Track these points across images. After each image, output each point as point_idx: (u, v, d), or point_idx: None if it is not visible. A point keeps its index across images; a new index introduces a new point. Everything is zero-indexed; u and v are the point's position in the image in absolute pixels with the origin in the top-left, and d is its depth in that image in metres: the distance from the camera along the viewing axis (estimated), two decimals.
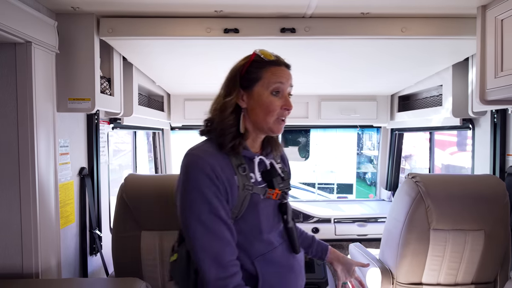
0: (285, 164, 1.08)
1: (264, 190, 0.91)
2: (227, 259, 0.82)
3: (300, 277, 0.99)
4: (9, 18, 1.12)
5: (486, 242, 1.52)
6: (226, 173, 0.85)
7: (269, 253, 0.91)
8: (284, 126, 0.94)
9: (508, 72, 1.26)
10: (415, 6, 1.41)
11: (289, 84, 0.94)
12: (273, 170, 0.96)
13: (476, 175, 1.72)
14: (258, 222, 0.89)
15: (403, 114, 2.65)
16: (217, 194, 0.82)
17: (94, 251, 1.77)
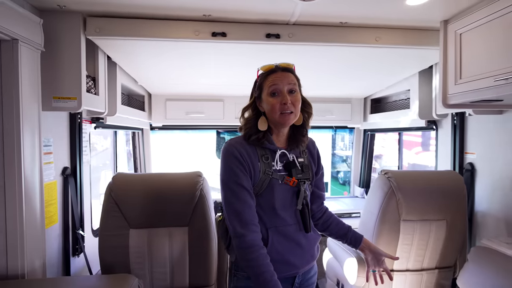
0: (312, 158, 1.26)
1: (282, 177, 1.13)
2: (248, 218, 1.04)
3: (309, 253, 1.19)
4: None
5: (448, 230, 1.70)
6: (252, 158, 1.10)
7: (282, 227, 1.12)
8: (291, 117, 1.11)
9: (466, 80, 1.43)
10: (387, 18, 1.55)
11: (287, 82, 1.11)
12: (293, 163, 1.15)
13: (439, 171, 1.91)
14: (273, 200, 1.10)
15: (375, 116, 2.84)
16: (242, 170, 1.07)
17: (77, 251, 1.75)
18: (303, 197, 1.15)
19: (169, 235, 1.53)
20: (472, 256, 1.45)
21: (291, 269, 1.14)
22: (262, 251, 1.02)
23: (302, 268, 1.18)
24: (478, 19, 1.34)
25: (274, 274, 0.99)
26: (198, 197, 1.52)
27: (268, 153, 1.13)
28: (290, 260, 1.12)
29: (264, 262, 1.00)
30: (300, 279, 1.20)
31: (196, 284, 1.56)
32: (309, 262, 1.20)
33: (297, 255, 1.14)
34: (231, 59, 1.87)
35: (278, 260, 1.07)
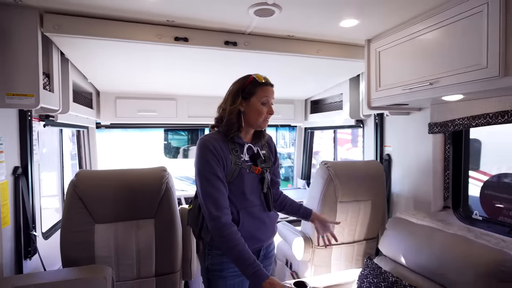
0: (271, 151, 1.48)
1: (249, 166, 1.33)
2: (222, 203, 1.22)
3: (270, 229, 1.41)
4: None
5: (372, 208, 2.12)
6: (224, 152, 1.27)
7: (250, 208, 1.33)
8: (267, 124, 1.36)
9: (383, 88, 1.83)
10: (327, 35, 1.87)
11: (272, 97, 1.36)
12: (258, 154, 1.37)
13: (365, 161, 2.33)
14: (242, 186, 1.31)
15: (314, 115, 3.23)
16: (217, 162, 1.24)
17: (30, 254, 1.69)
18: (267, 182, 1.37)
19: (136, 227, 1.61)
20: (389, 225, 1.85)
21: (257, 243, 1.35)
22: (234, 228, 1.21)
23: (266, 241, 1.40)
24: (392, 41, 1.74)
25: (245, 245, 1.18)
26: (164, 190, 1.63)
27: (237, 147, 1.32)
28: (256, 235, 1.33)
29: (236, 237, 1.19)
30: (264, 252, 1.41)
31: (162, 271, 1.67)
32: (271, 237, 1.43)
33: (262, 231, 1.36)
34: (192, 63, 2.00)
35: (248, 237, 1.26)
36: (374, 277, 1.51)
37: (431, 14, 1.48)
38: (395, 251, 1.71)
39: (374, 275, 1.52)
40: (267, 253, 1.44)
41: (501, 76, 1.19)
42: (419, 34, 1.55)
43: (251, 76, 1.34)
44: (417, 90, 1.56)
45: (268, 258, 1.46)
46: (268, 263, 1.46)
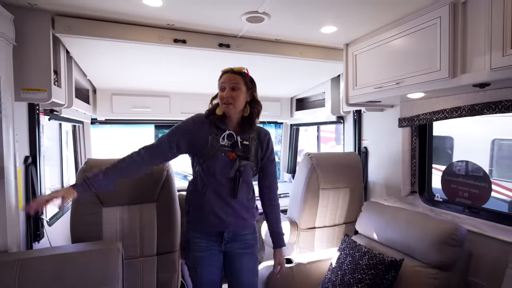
0: (260, 145, 1.54)
1: (225, 151, 1.44)
2: (151, 146, 1.45)
3: (239, 215, 1.49)
4: None
5: (350, 195, 2.36)
6: (202, 131, 1.44)
7: (217, 188, 1.45)
8: (230, 107, 1.43)
9: (359, 87, 2.07)
10: (309, 39, 2.10)
11: (231, 82, 1.44)
12: (236, 142, 1.46)
13: (344, 152, 2.58)
14: (214, 167, 1.43)
15: (299, 112, 3.47)
16: (181, 134, 1.45)
17: (38, 237, 1.82)
18: (235, 169, 1.44)
19: (139, 211, 1.78)
20: (364, 208, 2.10)
21: (219, 222, 1.45)
22: (134, 153, 1.42)
23: (231, 226, 1.48)
24: (366, 45, 1.98)
25: (124, 162, 1.41)
26: (165, 177, 1.81)
27: (218, 132, 1.45)
28: (218, 214, 1.44)
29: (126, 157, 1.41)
30: (230, 234, 1.49)
31: (163, 251, 1.85)
32: (239, 223, 1.50)
33: (226, 212, 1.45)
34: (186, 63, 2.18)
35: (210, 211, 1.44)
36: (350, 249, 1.75)
37: (398, 23, 1.73)
38: (368, 229, 1.96)
39: (349, 248, 1.76)
40: (235, 236, 1.51)
41: (451, 77, 1.45)
42: (388, 40, 1.80)
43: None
44: (386, 89, 1.81)
45: (238, 241, 1.52)
46: (238, 246, 1.53)
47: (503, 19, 1.22)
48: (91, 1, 1.51)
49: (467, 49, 1.40)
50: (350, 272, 1.63)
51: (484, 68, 1.31)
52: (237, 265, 1.55)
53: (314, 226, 2.33)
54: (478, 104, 1.63)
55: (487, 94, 1.59)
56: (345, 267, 1.68)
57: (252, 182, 1.57)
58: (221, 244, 1.51)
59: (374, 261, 1.58)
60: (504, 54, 1.22)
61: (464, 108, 1.71)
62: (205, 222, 1.49)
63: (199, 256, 1.51)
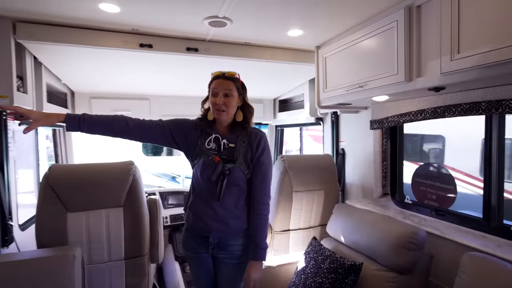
0: (250, 148, 1.47)
1: (211, 154, 1.44)
2: (138, 120, 1.46)
3: (222, 220, 1.45)
4: None
5: (325, 197, 2.37)
6: (192, 133, 1.48)
7: (201, 191, 1.48)
8: (223, 115, 1.42)
9: (329, 89, 2.07)
10: (279, 42, 2.09)
11: (223, 88, 1.42)
12: (220, 145, 1.46)
13: (318, 155, 2.57)
14: (199, 170, 1.46)
15: (282, 114, 3.47)
16: (177, 128, 1.48)
17: (7, 242, 1.83)
18: (219, 172, 1.41)
19: (106, 215, 1.79)
20: (334, 210, 2.11)
21: (203, 226, 1.46)
22: (117, 116, 1.42)
23: (215, 231, 1.45)
24: (334, 48, 1.98)
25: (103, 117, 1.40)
26: (131, 182, 1.81)
27: (206, 136, 1.47)
28: (202, 218, 1.46)
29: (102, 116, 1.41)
30: (216, 241, 1.46)
31: (131, 255, 1.85)
32: (223, 229, 1.46)
33: (209, 215, 1.45)
34: (157, 67, 2.19)
35: (196, 214, 1.47)
36: (314, 253, 1.75)
37: (361, 26, 1.73)
38: (337, 232, 1.96)
39: (314, 251, 1.76)
40: (221, 245, 1.47)
41: (407, 81, 1.45)
42: (354, 43, 1.80)
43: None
44: (352, 92, 1.81)
45: (224, 250, 1.48)
46: (225, 255, 1.49)
47: (450, 23, 1.21)
48: (50, 7, 1.51)
49: (421, 53, 1.40)
50: (312, 275, 1.64)
51: (436, 72, 1.31)
52: (221, 273, 1.52)
53: (288, 228, 2.33)
54: (440, 107, 1.63)
55: (448, 96, 1.59)
56: (308, 270, 1.69)
57: (247, 188, 1.49)
58: (209, 248, 1.49)
59: (335, 265, 1.58)
60: (452, 59, 1.22)
61: (427, 110, 1.71)
62: (192, 223, 1.52)
63: (189, 256, 1.56)
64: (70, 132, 3.01)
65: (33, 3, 1.46)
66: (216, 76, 1.47)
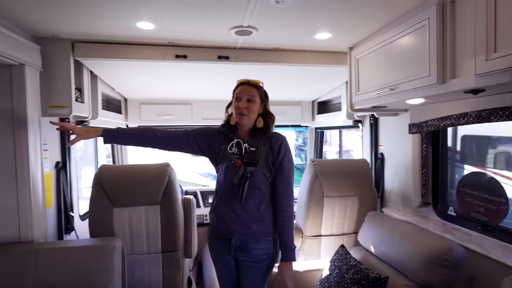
0: (272, 152, 1.51)
1: (233, 158, 1.50)
2: (165, 130, 1.59)
3: (244, 224, 1.49)
4: (6, 45, 1.50)
5: (360, 203, 2.27)
6: (216, 139, 1.57)
7: (224, 194, 1.53)
8: (245, 119, 1.48)
9: (361, 92, 1.99)
10: (310, 45, 2.07)
11: (247, 93, 1.49)
12: (241, 149, 1.52)
13: (353, 159, 2.48)
14: (223, 174, 1.52)
15: (320, 116, 3.40)
16: (201, 135, 1.58)
17: (69, 230, 2.15)
18: (240, 174, 1.45)
19: (145, 212, 1.98)
20: (367, 218, 2.01)
21: (226, 228, 1.52)
22: (143, 128, 1.56)
23: (237, 233, 1.49)
24: (366, 49, 1.89)
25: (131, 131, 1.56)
26: (167, 182, 1.98)
27: (228, 141, 1.54)
28: (225, 220, 1.52)
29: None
30: (238, 243, 1.50)
31: (167, 249, 2.02)
32: (245, 231, 1.49)
33: (231, 218, 1.50)
34: (195, 74, 2.34)
35: (218, 217, 1.54)
36: (339, 261, 1.70)
37: (392, 26, 1.63)
38: (367, 241, 1.87)
39: (340, 260, 1.71)
40: (243, 248, 1.50)
41: (439, 83, 1.33)
42: (383, 44, 1.71)
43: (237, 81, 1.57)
44: (383, 95, 1.72)
45: (246, 253, 1.50)
46: (247, 258, 1.51)
47: (486, 19, 1.09)
48: (99, 29, 1.73)
49: (456, 53, 1.27)
50: (335, 285, 1.60)
51: (471, 73, 1.18)
52: (244, 276, 1.56)
53: (320, 234, 2.30)
54: (485, 110, 1.46)
55: (497, 98, 1.41)
56: (331, 279, 1.65)
57: (270, 191, 1.52)
58: (231, 250, 1.53)
59: (359, 276, 1.52)
60: (488, 59, 1.09)
61: (471, 114, 1.54)
62: (216, 225, 1.59)
63: (214, 256, 1.63)
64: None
65: (86, 26, 1.69)
66: (242, 83, 1.55)
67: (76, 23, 1.65)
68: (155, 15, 1.57)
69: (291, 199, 1.57)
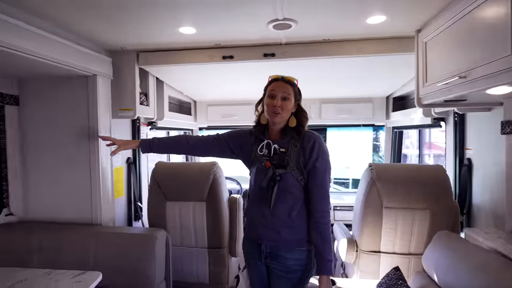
0: (303, 153, 1.38)
1: (263, 160, 1.43)
2: (198, 137, 1.66)
3: (273, 229, 1.40)
4: (83, 60, 1.80)
5: (433, 219, 1.86)
6: (248, 142, 1.52)
7: (256, 197, 1.46)
8: (278, 117, 1.37)
9: (429, 82, 1.62)
10: (366, 32, 1.81)
11: (281, 91, 1.38)
12: (273, 151, 1.43)
13: (425, 165, 2.05)
14: (254, 176, 1.47)
15: (395, 114, 2.95)
16: (232, 138, 1.57)
17: (137, 218, 2.45)
18: (269, 177, 1.37)
19: (192, 207, 2.09)
20: (434, 239, 1.61)
21: (256, 233, 1.46)
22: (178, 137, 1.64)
23: (266, 239, 1.42)
24: (434, 29, 1.53)
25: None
26: (212, 180, 2.04)
27: (259, 142, 1.48)
28: (255, 224, 1.45)
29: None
30: (268, 250, 1.41)
31: (213, 245, 2.09)
32: (275, 238, 1.40)
33: (260, 222, 1.43)
34: (243, 74, 2.35)
35: (249, 220, 1.49)
36: (387, 286, 1.42)
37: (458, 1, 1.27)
38: (430, 266, 1.51)
39: (387, 285, 1.43)
40: (273, 256, 1.42)
41: None
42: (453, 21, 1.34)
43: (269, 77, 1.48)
44: (453, 85, 1.35)
45: (277, 262, 1.41)
46: (278, 267, 1.42)
47: None
48: (154, 38, 1.91)
49: None
50: None
51: None
52: (275, 284, 1.47)
53: (378, 250, 1.98)
54: None
55: None
56: None
57: (302, 196, 1.40)
58: (262, 257, 1.46)
59: None
60: None
61: None
62: (247, 229, 1.56)
63: (247, 260, 1.58)
64: (197, 133, 3.68)
65: (146, 37, 1.88)
66: (275, 79, 1.45)
67: (138, 36, 1.85)
68: (197, 20, 1.62)
69: (327, 204, 1.40)
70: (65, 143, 1.98)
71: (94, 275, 1.28)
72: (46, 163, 2.01)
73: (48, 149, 2.00)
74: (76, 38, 1.77)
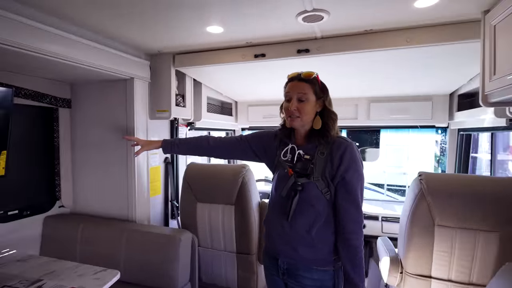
0: (331, 161, 1.23)
1: (286, 166, 1.31)
2: (221, 139, 1.60)
3: (291, 244, 1.27)
4: (122, 65, 1.89)
5: (502, 244, 1.51)
6: (272, 145, 1.43)
7: (275, 206, 1.34)
8: (297, 121, 1.27)
9: (499, 75, 1.30)
10: (416, 18, 1.54)
11: (297, 91, 1.26)
12: (297, 157, 1.31)
13: (494, 177, 1.66)
14: (275, 183, 1.36)
15: (460, 113, 2.52)
16: (256, 141, 1.49)
17: (173, 216, 2.51)
18: (289, 186, 1.25)
19: (221, 210, 2.05)
20: (501, 271, 1.29)
21: (273, 246, 1.34)
22: (203, 137, 1.57)
23: (283, 254, 1.30)
24: (506, 8, 1.22)
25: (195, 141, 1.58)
26: (241, 183, 1.97)
27: (284, 145, 1.37)
28: (272, 235, 1.34)
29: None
30: (285, 266, 1.30)
31: (241, 251, 2.02)
32: (291, 254, 1.27)
33: (278, 234, 1.31)
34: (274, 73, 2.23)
35: (268, 230, 1.36)
36: None
37: None
38: None
39: None
40: (291, 273, 1.30)
41: None
42: None
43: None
44: None
45: (294, 280, 1.29)
46: (296, 285, 1.30)
47: None
48: (184, 40, 1.91)
49: None
50: None
51: None
52: None
53: (429, 274, 1.68)
54: None
55: None
56: None
57: (327, 211, 1.25)
58: (279, 273, 1.34)
59: None
60: None
61: None
62: (265, 240, 1.42)
63: (265, 273, 1.46)
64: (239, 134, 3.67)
65: (179, 40, 1.90)
66: (291, 78, 1.31)
67: (171, 38, 1.87)
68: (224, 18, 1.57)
69: (359, 224, 1.23)
70: (107, 143, 2.11)
71: (112, 273, 1.30)
72: (92, 161, 2.17)
73: (94, 148, 2.16)
74: (118, 44, 1.88)
